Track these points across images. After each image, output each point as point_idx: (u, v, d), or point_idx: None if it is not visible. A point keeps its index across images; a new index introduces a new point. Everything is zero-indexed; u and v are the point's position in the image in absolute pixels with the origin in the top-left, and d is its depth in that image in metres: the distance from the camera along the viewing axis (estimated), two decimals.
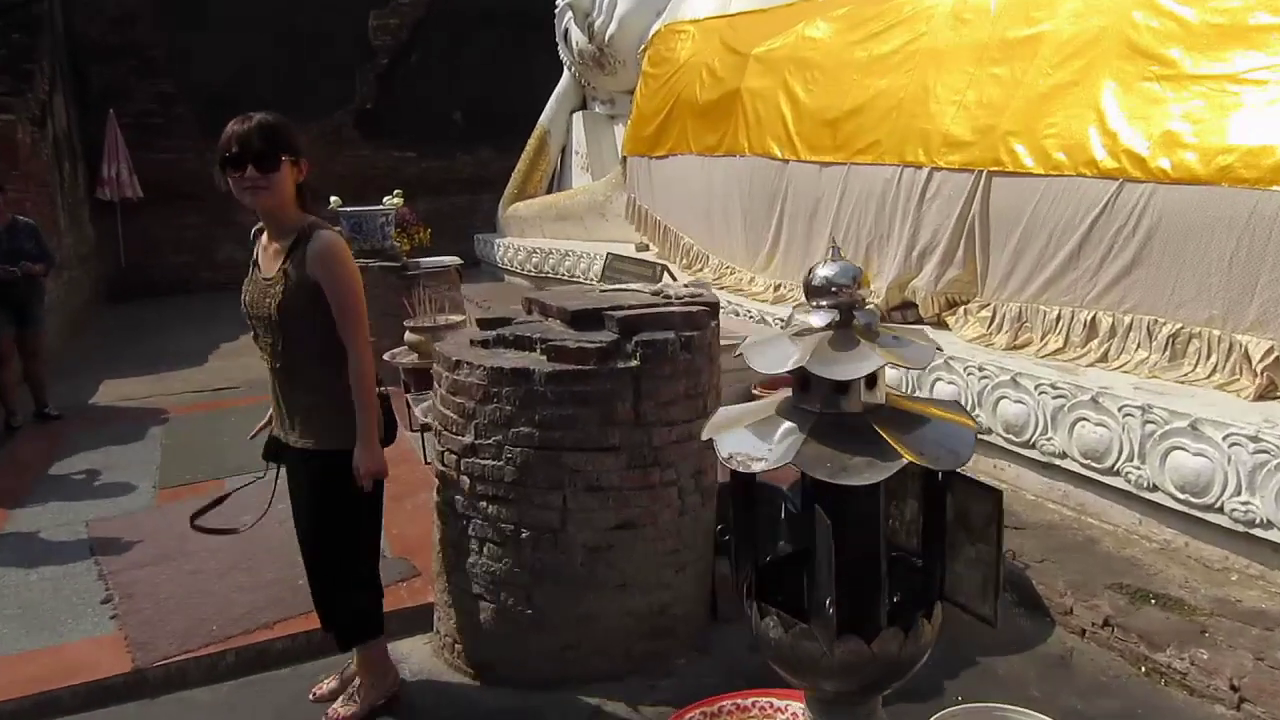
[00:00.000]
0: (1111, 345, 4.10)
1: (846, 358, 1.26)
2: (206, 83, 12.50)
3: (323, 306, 2.68)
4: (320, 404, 2.78)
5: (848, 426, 1.28)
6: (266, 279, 2.74)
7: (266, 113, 2.69)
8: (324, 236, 2.70)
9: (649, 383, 2.97)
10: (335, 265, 2.68)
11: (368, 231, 7.38)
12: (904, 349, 1.30)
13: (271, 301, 2.70)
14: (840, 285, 1.33)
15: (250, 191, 2.63)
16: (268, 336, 2.77)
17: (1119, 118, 4.13)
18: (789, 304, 6.11)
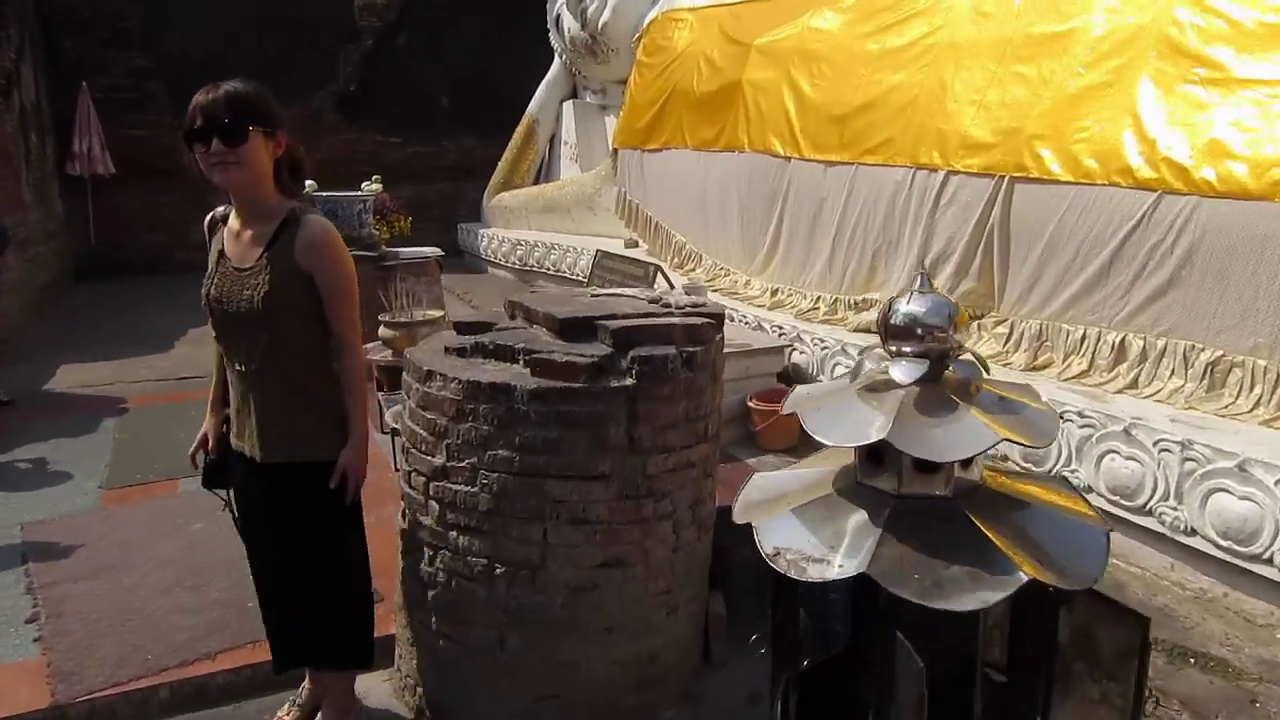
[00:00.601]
0: (1142, 371, 3.79)
1: (945, 430, 0.92)
2: (183, 57, 12.03)
3: (313, 299, 2.44)
4: (304, 410, 2.50)
5: (936, 516, 0.94)
6: (243, 269, 2.45)
7: (238, 80, 2.41)
8: (315, 222, 2.46)
9: (645, 404, 2.62)
10: (332, 253, 2.46)
11: (344, 218, 6.99)
12: (1018, 416, 0.97)
13: (254, 294, 2.41)
14: (931, 327, 0.99)
15: (219, 168, 2.36)
16: (243, 334, 2.46)
17: (1158, 123, 3.82)
18: (787, 310, 5.78)
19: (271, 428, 2.51)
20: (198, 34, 12.28)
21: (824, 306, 5.56)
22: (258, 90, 2.43)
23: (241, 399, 2.55)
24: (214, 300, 2.50)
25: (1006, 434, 0.92)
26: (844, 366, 4.90)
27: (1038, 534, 0.94)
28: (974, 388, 0.99)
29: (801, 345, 5.24)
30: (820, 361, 5.08)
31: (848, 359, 4.89)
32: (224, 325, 2.51)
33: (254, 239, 2.47)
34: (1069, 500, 1.02)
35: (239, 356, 2.50)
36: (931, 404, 0.96)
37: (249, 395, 2.52)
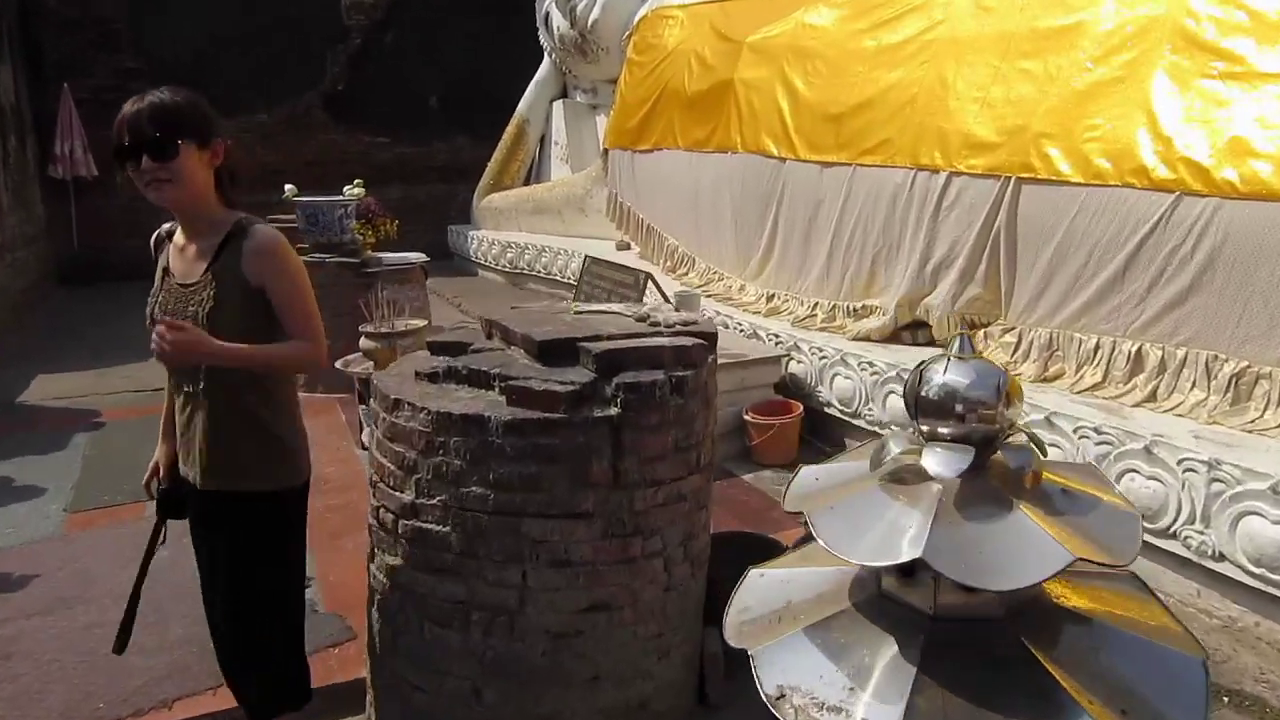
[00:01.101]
0: (1161, 383, 3.58)
1: (998, 544, 0.71)
2: (170, 58, 11.84)
3: (264, 313, 2.27)
4: (248, 434, 2.33)
5: (985, 647, 0.73)
6: (187, 284, 2.29)
7: (166, 89, 2.24)
8: (263, 231, 2.30)
9: (632, 434, 2.41)
10: (281, 261, 2.29)
11: (324, 224, 6.77)
12: (1088, 519, 0.75)
13: (198, 310, 2.25)
14: (975, 402, 0.78)
15: (152, 187, 2.20)
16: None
17: (1175, 121, 3.60)
18: (783, 317, 5.56)
19: (213, 453, 2.33)
20: (184, 35, 12.09)
21: (821, 313, 5.34)
22: (187, 99, 2.25)
23: (187, 422, 2.37)
24: (157, 319, 2.30)
25: (1081, 551, 0.70)
26: (844, 378, 4.69)
27: (1120, 671, 0.72)
28: (1029, 478, 0.78)
29: (799, 354, 5.03)
30: (819, 372, 4.86)
31: (848, 369, 4.67)
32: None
33: (199, 253, 2.32)
34: (1149, 611, 0.81)
35: (185, 378, 2.33)
36: (977, 504, 0.75)
37: (194, 418, 2.35)
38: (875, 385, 4.48)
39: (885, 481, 0.81)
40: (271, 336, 2.30)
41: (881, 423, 4.49)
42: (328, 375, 6.16)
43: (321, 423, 5.85)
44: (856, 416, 4.63)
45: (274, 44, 12.56)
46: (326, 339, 2.39)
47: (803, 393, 4.96)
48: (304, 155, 12.76)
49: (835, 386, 4.75)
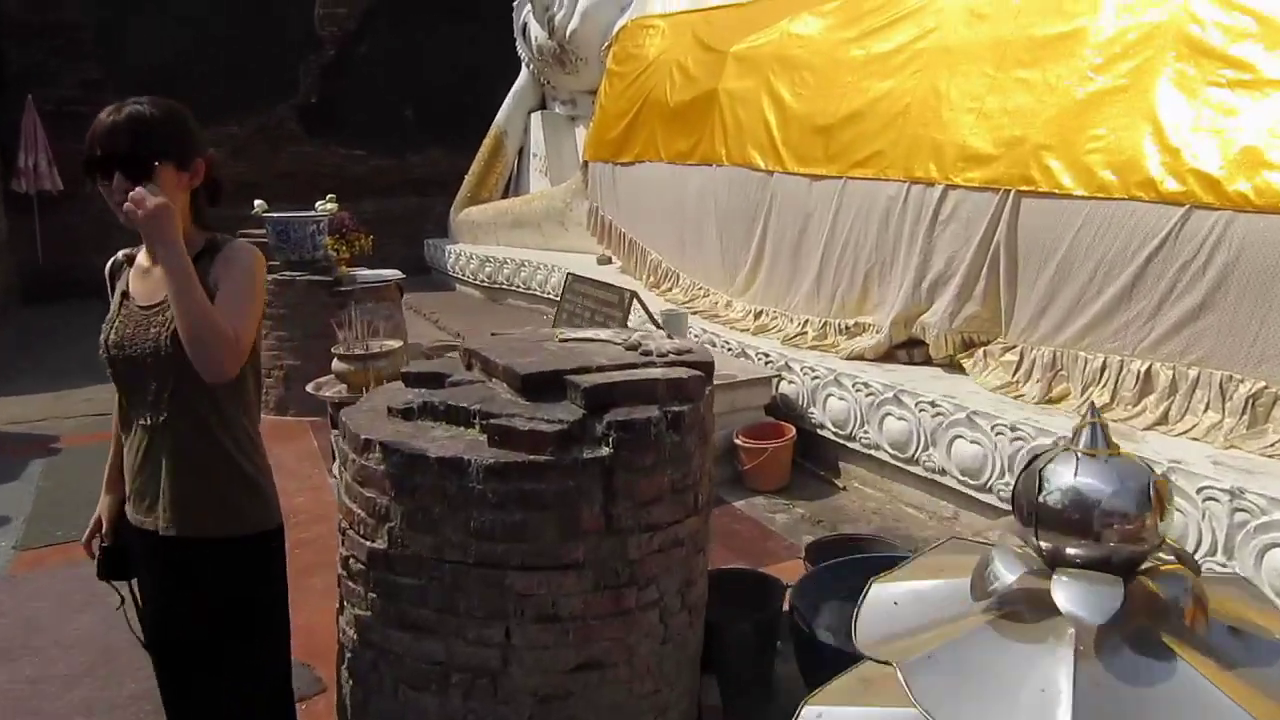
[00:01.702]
0: (1172, 404, 3.43)
1: (1160, 715, 0.51)
2: (137, 69, 11.54)
3: None
4: (216, 468, 2.11)
5: None
6: (148, 307, 2.08)
7: (146, 100, 2.03)
8: (237, 244, 2.12)
9: (625, 476, 2.21)
10: (247, 265, 2.09)
11: (296, 240, 6.54)
12: (1272, 670, 0.56)
13: (161, 331, 2.04)
14: (1119, 515, 0.59)
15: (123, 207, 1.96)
16: (149, 380, 2.08)
17: (1182, 131, 3.46)
18: (772, 335, 5.39)
19: (178, 492, 2.11)
20: (153, 45, 11.81)
21: (812, 331, 5.17)
22: (169, 113, 2.04)
23: (144, 460, 2.13)
24: (114, 346, 2.11)
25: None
26: (838, 399, 4.52)
27: None
28: (1189, 614, 0.59)
29: (790, 374, 4.85)
30: (811, 393, 4.69)
31: (841, 390, 4.50)
32: (126, 373, 2.12)
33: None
34: None
35: (144, 409, 2.10)
36: (1126, 653, 0.56)
37: (153, 454, 2.12)
38: (871, 407, 4.31)
39: (997, 618, 0.62)
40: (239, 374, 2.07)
41: (877, 445, 4.31)
42: (300, 398, 5.94)
43: (292, 449, 5.62)
44: (851, 439, 4.46)
45: (245, 55, 12.34)
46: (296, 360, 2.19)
47: (794, 414, 4.79)
48: (276, 168, 12.53)
49: (829, 408, 4.58)
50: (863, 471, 4.52)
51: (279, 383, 6.35)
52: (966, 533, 3.87)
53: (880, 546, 3.27)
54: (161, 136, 2.00)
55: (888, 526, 4.11)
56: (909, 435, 4.08)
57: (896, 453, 4.18)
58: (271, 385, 6.38)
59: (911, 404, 4.08)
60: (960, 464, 3.83)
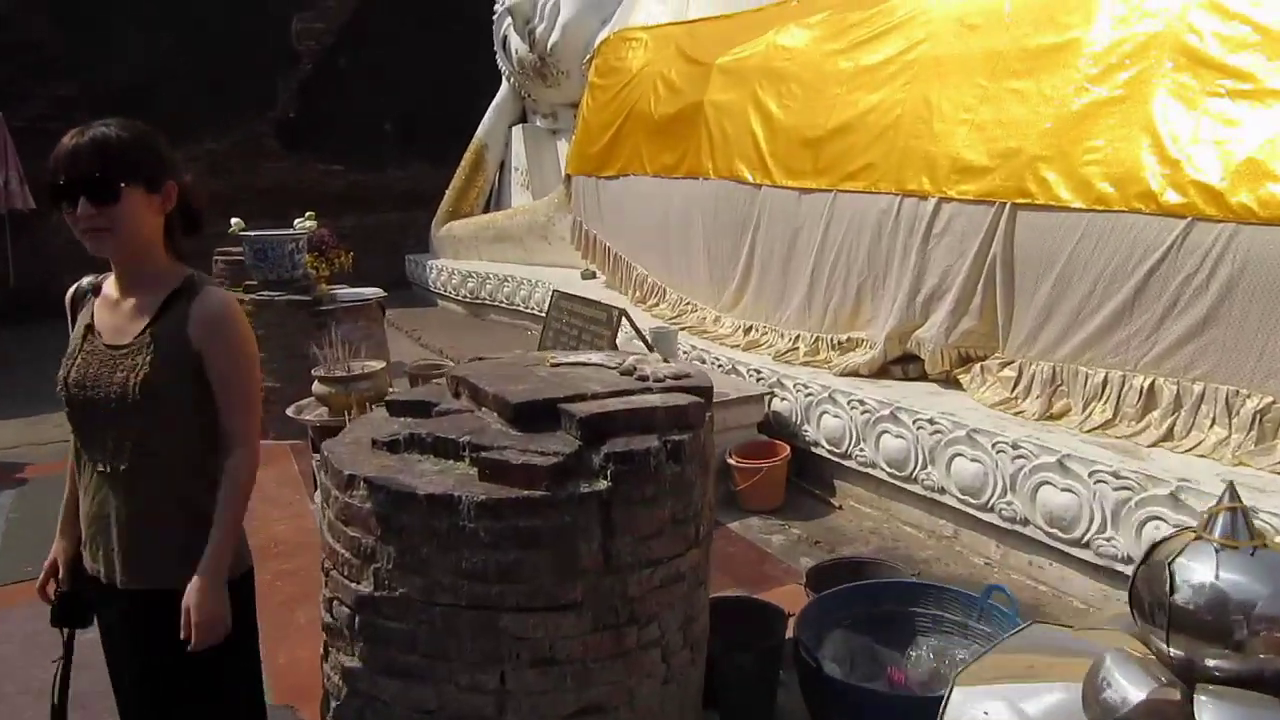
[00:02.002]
0: (1178, 420, 3.35)
1: None
2: (111, 86, 11.42)
3: (204, 387, 1.97)
4: (180, 524, 2.01)
5: None
6: (116, 347, 1.97)
7: (113, 121, 1.94)
8: (217, 294, 2.03)
9: (624, 510, 2.11)
10: (230, 333, 2.01)
11: (274, 259, 6.40)
12: None
13: (129, 376, 1.93)
14: (1270, 621, 0.49)
15: (89, 235, 1.89)
16: (110, 427, 1.97)
17: (1182, 142, 3.40)
18: (763, 351, 5.30)
19: (136, 543, 2.00)
20: (127, 62, 11.66)
21: (804, 346, 5.08)
22: (136, 134, 1.94)
23: (99, 507, 2.03)
24: (74, 385, 1.99)
25: None
26: (832, 416, 4.43)
27: None
28: None
29: (782, 391, 4.76)
30: (804, 410, 4.60)
31: (836, 407, 4.41)
32: (86, 416, 2.00)
33: (137, 310, 1.99)
34: None
35: (102, 455, 1.99)
36: None
37: (110, 503, 2.01)
38: (866, 424, 4.22)
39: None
40: (208, 415, 2.00)
41: (874, 463, 4.22)
42: (279, 420, 5.80)
43: (272, 474, 5.47)
44: (847, 457, 4.37)
45: (222, 70, 12.20)
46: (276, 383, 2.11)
47: (788, 432, 4.69)
48: (255, 184, 12.40)
49: (823, 425, 4.48)
50: (859, 490, 4.43)
51: None
52: (967, 552, 3.78)
53: (884, 571, 3.17)
54: (128, 158, 1.89)
55: (886, 546, 4.02)
56: (906, 453, 3.99)
57: (894, 471, 4.09)
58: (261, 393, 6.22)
59: (909, 421, 3.99)
60: (960, 483, 3.74)
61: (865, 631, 2.82)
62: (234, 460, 2.01)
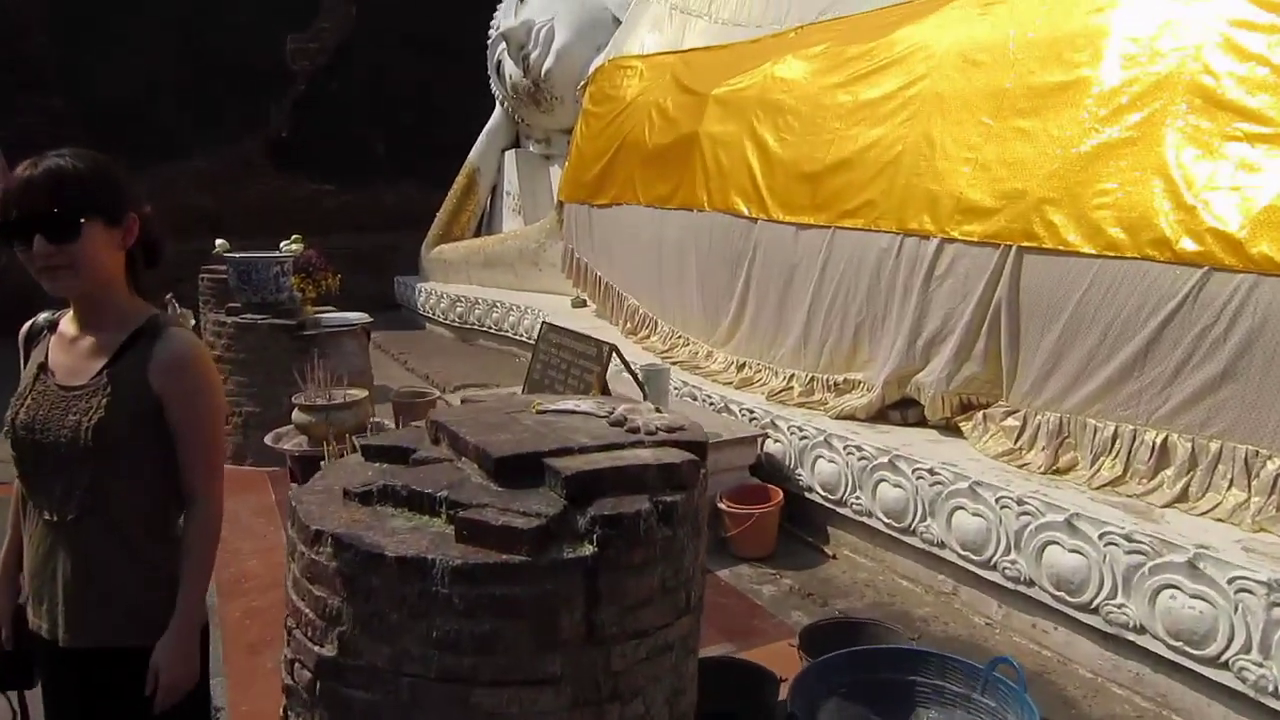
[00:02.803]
0: (1193, 480, 3.21)
1: None
2: (104, 101, 11.31)
3: (159, 434, 1.87)
4: (134, 578, 1.89)
5: None
6: (70, 388, 1.85)
7: (68, 152, 1.81)
8: (181, 336, 1.91)
9: (610, 578, 1.94)
10: (194, 378, 1.89)
11: (258, 282, 6.23)
12: None
13: (82, 419, 1.81)
14: None
15: (46, 274, 1.77)
16: (60, 473, 1.84)
17: (1198, 187, 3.27)
18: (756, 389, 5.15)
19: (82, 600, 1.86)
20: (120, 77, 11.55)
21: (799, 386, 4.94)
22: (94, 165, 1.81)
23: (45, 558, 1.89)
24: (22, 427, 1.86)
25: None
26: (827, 461, 4.27)
27: None
28: None
29: (775, 432, 4.60)
30: (799, 453, 4.44)
31: (831, 451, 4.26)
32: (34, 460, 1.87)
33: (94, 349, 1.87)
34: None
35: (50, 502, 1.85)
36: None
37: (57, 554, 1.87)
38: (863, 472, 4.06)
39: None
40: (166, 465, 1.88)
41: (870, 512, 4.06)
42: (258, 446, 5.62)
43: (248, 502, 5.29)
44: (842, 504, 4.21)
45: (215, 88, 12.13)
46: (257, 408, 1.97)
47: (781, 475, 4.53)
48: (245, 203, 12.31)
49: (817, 470, 4.33)
50: (854, 539, 4.27)
51: (237, 430, 6.05)
52: (966, 610, 3.62)
53: (882, 633, 3.01)
54: (87, 192, 1.76)
55: (882, 601, 3.85)
56: (905, 503, 3.83)
57: (891, 521, 3.93)
58: (229, 433, 6.07)
59: (908, 470, 3.84)
60: (961, 537, 3.58)
61: (862, 701, 2.65)
62: (195, 515, 1.90)
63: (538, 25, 9.27)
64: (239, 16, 12.10)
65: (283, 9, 12.60)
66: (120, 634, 1.87)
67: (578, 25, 9.18)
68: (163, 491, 1.90)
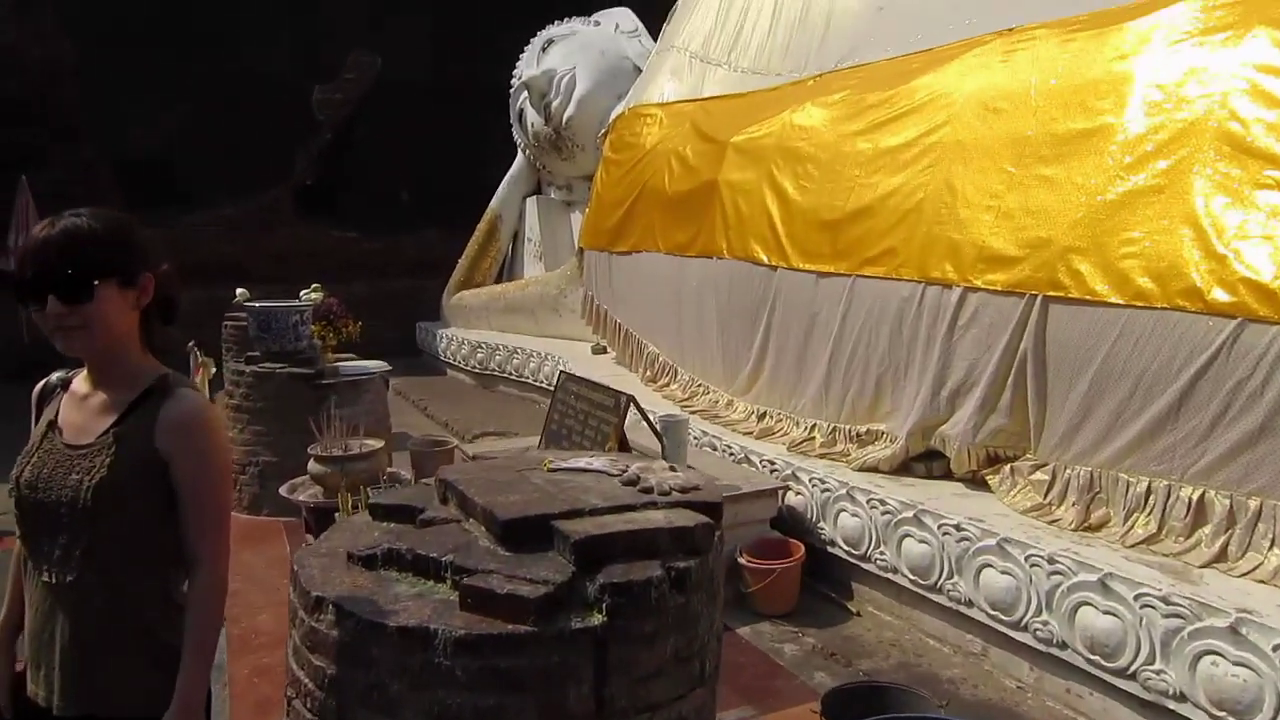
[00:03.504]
0: (1232, 538, 3.08)
1: None
2: (134, 151, 11.55)
3: (163, 495, 1.83)
4: (138, 643, 1.85)
5: None
6: (77, 447, 1.82)
7: (85, 211, 1.80)
8: (189, 398, 1.88)
9: (620, 649, 1.86)
10: (202, 440, 1.85)
11: (277, 331, 6.23)
12: None
13: (84, 480, 1.77)
14: None
15: (59, 334, 1.75)
16: (59, 533, 1.80)
17: (1229, 235, 3.19)
18: (777, 439, 5.06)
19: (79, 667, 1.81)
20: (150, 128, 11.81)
21: (820, 436, 4.84)
22: (110, 225, 1.79)
23: (44, 622, 1.84)
24: (26, 485, 1.83)
25: None
26: (850, 514, 4.17)
27: None
28: None
29: (797, 484, 4.51)
30: (821, 506, 4.34)
31: (854, 505, 4.15)
32: (35, 519, 1.83)
33: (104, 408, 1.84)
34: None
35: (49, 563, 1.81)
36: None
37: (55, 618, 1.82)
38: (887, 526, 3.96)
39: None
40: (169, 530, 1.83)
41: (895, 568, 3.95)
42: (275, 496, 5.58)
43: (262, 554, 5.22)
44: (866, 560, 4.10)
45: (241, 138, 12.31)
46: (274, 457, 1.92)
47: (802, 528, 4.43)
48: (270, 249, 12.45)
49: (840, 524, 4.22)
50: (878, 596, 4.14)
51: (253, 480, 6.02)
52: (997, 673, 3.49)
53: (909, 700, 2.88)
54: (102, 253, 1.74)
55: (908, 662, 3.72)
56: (931, 560, 3.72)
57: (917, 579, 3.81)
58: (246, 482, 6.05)
59: (933, 525, 3.73)
60: (990, 596, 3.46)
61: None
62: (198, 583, 1.85)
63: (559, 74, 9.36)
64: (267, 68, 12.33)
65: (310, 61, 12.84)
66: (118, 705, 1.82)
67: (598, 74, 9.26)
68: (165, 556, 1.85)
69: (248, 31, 12.36)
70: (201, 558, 1.84)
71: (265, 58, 12.37)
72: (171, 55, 11.91)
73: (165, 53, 11.87)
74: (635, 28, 9.94)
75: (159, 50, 11.86)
